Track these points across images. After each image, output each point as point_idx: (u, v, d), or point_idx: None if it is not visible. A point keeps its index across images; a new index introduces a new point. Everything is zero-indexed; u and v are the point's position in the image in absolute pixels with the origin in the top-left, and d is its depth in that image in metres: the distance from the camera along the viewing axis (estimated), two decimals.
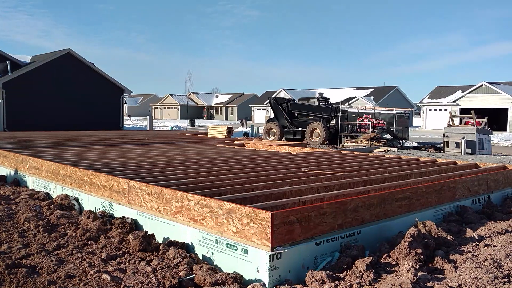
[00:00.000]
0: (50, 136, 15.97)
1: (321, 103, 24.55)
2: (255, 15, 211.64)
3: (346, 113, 23.95)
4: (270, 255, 3.90)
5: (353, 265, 4.07)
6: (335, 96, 52.62)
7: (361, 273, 3.91)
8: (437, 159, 9.79)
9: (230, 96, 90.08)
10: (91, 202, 6.49)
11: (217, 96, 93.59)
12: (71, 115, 30.94)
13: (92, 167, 7.24)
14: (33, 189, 7.86)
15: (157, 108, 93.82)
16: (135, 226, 5.44)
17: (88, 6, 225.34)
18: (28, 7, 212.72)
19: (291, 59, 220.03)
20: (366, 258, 4.10)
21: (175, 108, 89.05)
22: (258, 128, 33.01)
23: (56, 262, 4.29)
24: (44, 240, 4.99)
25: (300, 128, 24.02)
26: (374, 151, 17.67)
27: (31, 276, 3.94)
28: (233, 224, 4.29)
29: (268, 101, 28.06)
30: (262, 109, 68.03)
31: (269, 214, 3.94)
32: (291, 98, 31.84)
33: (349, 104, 41.76)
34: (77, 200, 6.76)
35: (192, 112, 76.23)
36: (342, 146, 21.55)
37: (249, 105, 74.77)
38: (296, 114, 25.04)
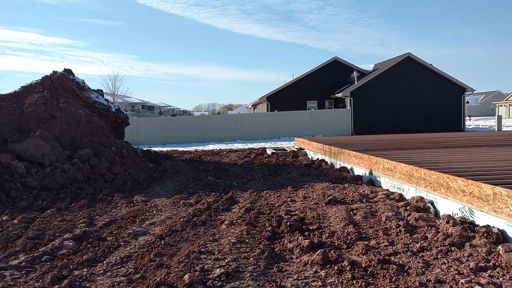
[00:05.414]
0: (394, 139, 16.67)
1: None
2: None
3: None
4: None
5: None
6: None
7: None
8: None
9: None
10: (447, 206, 6.31)
11: None
12: (411, 117, 31.81)
13: (445, 169, 7.04)
14: (387, 190, 8.32)
15: (501, 106, 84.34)
16: (502, 237, 4.93)
17: (420, 8, 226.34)
18: (366, 19, 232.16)
19: None
20: None
21: None
22: None
23: (423, 264, 4.34)
24: (407, 240, 5.14)
25: None
26: None
27: (401, 274, 4.11)
28: None
29: None
30: None
31: None
32: None
33: None
34: (432, 203, 6.72)
35: None
36: None
37: None
38: None
